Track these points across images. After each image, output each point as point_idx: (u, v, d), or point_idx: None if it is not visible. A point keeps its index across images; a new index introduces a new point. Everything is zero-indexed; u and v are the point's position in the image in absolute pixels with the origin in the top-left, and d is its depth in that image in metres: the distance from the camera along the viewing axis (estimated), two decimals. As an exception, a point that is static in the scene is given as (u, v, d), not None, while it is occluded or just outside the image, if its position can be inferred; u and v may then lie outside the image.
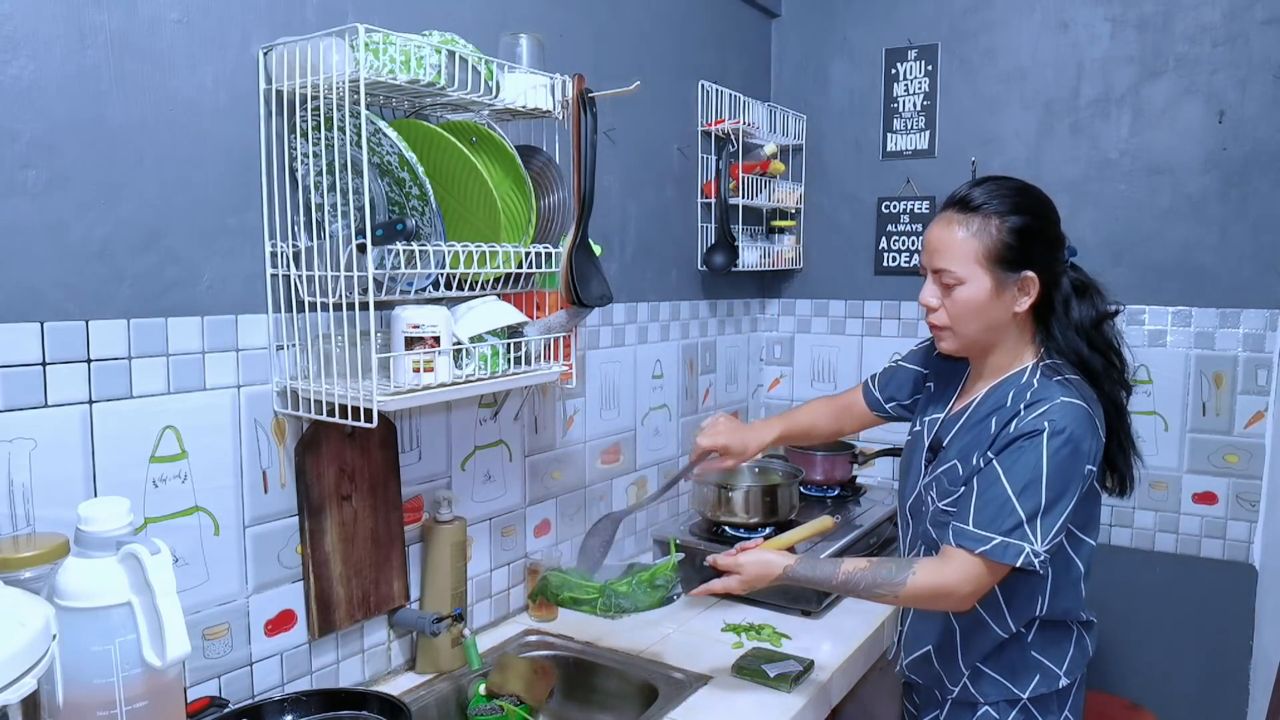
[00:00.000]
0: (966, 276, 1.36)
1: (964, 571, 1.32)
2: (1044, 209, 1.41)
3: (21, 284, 1.10)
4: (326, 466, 1.48)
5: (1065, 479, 1.30)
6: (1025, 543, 1.28)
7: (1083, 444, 1.31)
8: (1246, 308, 2.28)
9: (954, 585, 1.33)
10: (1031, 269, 1.36)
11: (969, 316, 1.38)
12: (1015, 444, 1.32)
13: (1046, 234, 1.39)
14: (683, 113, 2.39)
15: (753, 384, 2.91)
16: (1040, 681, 1.42)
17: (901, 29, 2.65)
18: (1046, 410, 1.31)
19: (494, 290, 1.54)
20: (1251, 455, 2.30)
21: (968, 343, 1.42)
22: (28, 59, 1.09)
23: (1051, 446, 1.29)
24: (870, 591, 1.40)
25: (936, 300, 1.41)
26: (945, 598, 1.35)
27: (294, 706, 1.36)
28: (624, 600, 1.57)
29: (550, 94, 1.52)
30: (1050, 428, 1.30)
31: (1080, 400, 1.33)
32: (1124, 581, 2.43)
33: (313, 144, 1.35)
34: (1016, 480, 1.30)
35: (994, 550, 1.29)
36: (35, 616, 0.82)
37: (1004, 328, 1.40)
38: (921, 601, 1.39)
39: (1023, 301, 1.37)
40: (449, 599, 1.65)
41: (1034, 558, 1.28)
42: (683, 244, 2.44)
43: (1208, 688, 2.34)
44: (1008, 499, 1.30)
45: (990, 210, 1.36)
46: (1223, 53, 2.27)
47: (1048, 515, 1.29)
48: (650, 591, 1.58)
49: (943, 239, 1.39)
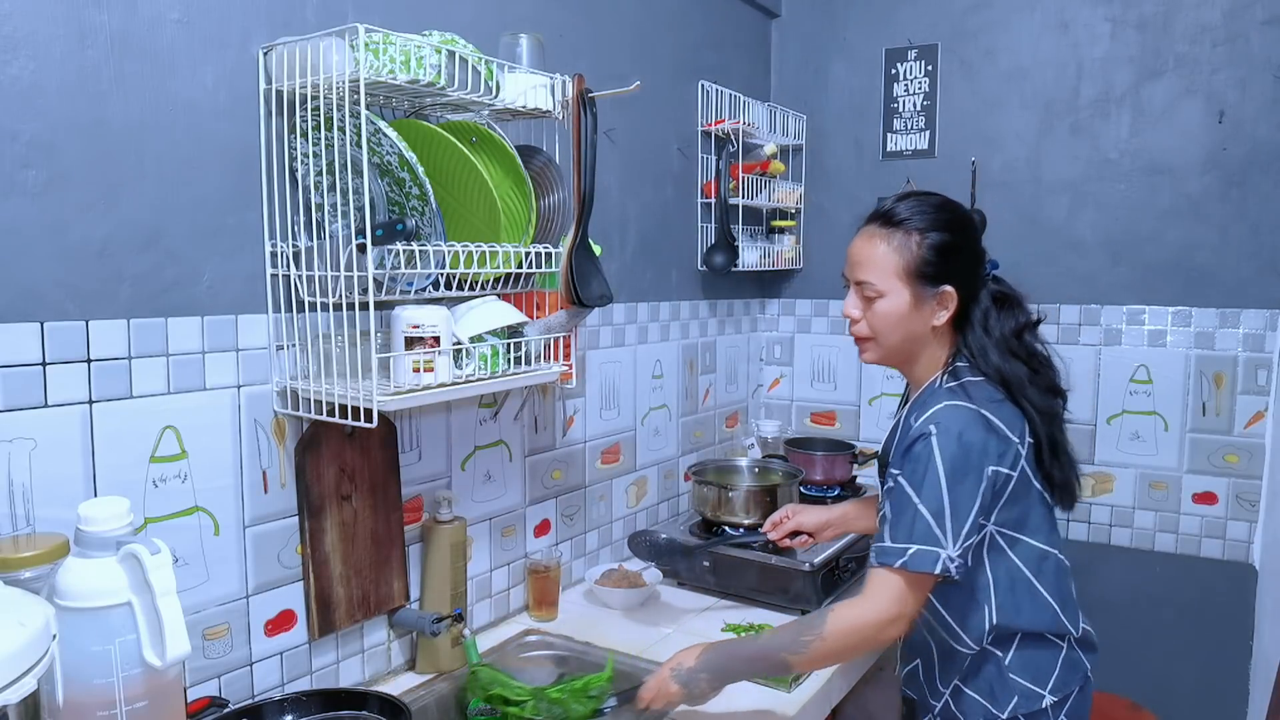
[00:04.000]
0: (887, 289, 1.40)
1: (885, 591, 1.32)
2: (964, 226, 1.44)
3: (21, 284, 1.10)
4: (326, 466, 1.48)
5: (961, 478, 1.30)
6: (939, 548, 1.29)
7: (973, 443, 1.32)
8: (1246, 308, 2.28)
9: (877, 609, 1.32)
10: (950, 284, 1.39)
11: (889, 328, 1.42)
12: (908, 453, 1.34)
13: (965, 250, 1.42)
14: (683, 113, 2.39)
15: (753, 384, 2.91)
16: (1020, 702, 1.41)
17: (901, 29, 2.65)
18: (931, 414, 1.34)
19: (494, 290, 1.54)
20: (1251, 455, 2.30)
21: (889, 354, 1.46)
22: (28, 59, 1.09)
23: (940, 447, 1.31)
24: (797, 646, 1.35)
25: (858, 312, 1.45)
26: (871, 625, 1.32)
27: (294, 706, 1.36)
28: (555, 708, 1.49)
29: (550, 94, 1.52)
30: (935, 429, 1.32)
31: (969, 403, 1.35)
32: (1124, 581, 2.43)
33: (313, 144, 1.35)
34: (916, 486, 1.31)
35: (912, 560, 1.29)
36: (35, 616, 0.82)
37: (923, 340, 1.44)
38: (851, 638, 1.34)
39: (941, 315, 1.41)
40: (449, 599, 1.65)
41: (949, 563, 1.29)
42: (683, 244, 2.44)
43: (1208, 688, 2.34)
44: (915, 508, 1.31)
45: (911, 226, 1.40)
46: (1223, 53, 2.27)
47: (954, 516, 1.30)
48: (584, 701, 1.50)
49: (864, 252, 1.43)
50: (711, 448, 2.66)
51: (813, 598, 1.93)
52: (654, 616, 1.95)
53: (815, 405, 2.91)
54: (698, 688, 1.40)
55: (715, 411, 2.68)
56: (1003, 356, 1.41)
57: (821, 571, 1.95)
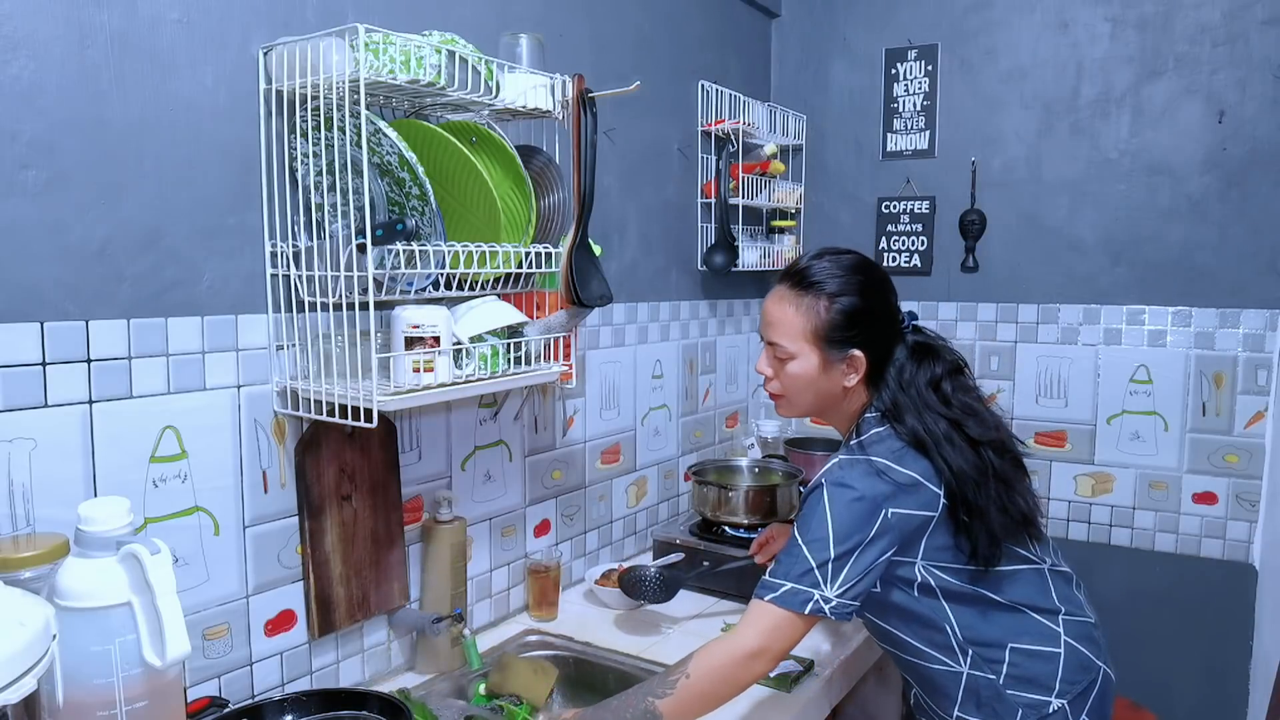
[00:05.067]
0: (796, 352, 1.42)
1: (753, 624, 1.31)
2: (875, 288, 1.44)
3: (21, 284, 1.10)
4: (326, 466, 1.48)
5: (854, 526, 1.31)
6: (814, 589, 1.29)
7: (866, 492, 1.31)
8: (1246, 308, 2.28)
9: (741, 642, 1.30)
10: (858, 348, 1.40)
11: (799, 389, 1.45)
12: (804, 502, 1.37)
13: (875, 311, 1.43)
14: (683, 113, 2.39)
15: (753, 384, 2.91)
16: (1026, 713, 1.40)
17: (901, 29, 2.65)
18: (826, 469, 1.37)
19: (494, 290, 1.54)
20: (1251, 455, 2.30)
21: (802, 410, 1.50)
22: (28, 59, 1.09)
23: (831, 497, 1.32)
24: (664, 688, 1.31)
25: (770, 370, 1.47)
26: (735, 658, 1.30)
27: (294, 706, 1.36)
28: None
29: (550, 94, 1.52)
30: (827, 481, 1.34)
31: (863, 456, 1.36)
32: (1124, 581, 2.43)
33: (313, 144, 1.35)
34: (805, 532, 1.33)
35: (784, 597, 1.30)
36: (35, 616, 0.82)
37: (836, 399, 1.46)
38: (716, 673, 1.31)
39: (851, 377, 1.43)
40: (449, 599, 1.65)
41: (824, 604, 1.29)
42: (683, 244, 2.44)
43: (1208, 688, 2.35)
44: (799, 550, 1.32)
45: (821, 290, 1.40)
46: (1223, 53, 2.27)
47: (841, 562, 1.30)
48: None
49: (775, 313, 1.45)
50: (711, 448, 2.66)
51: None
52: (654, 617, 1.95)
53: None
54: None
55: (715, 411, 2.68)
56: (918, 414, 1.38)
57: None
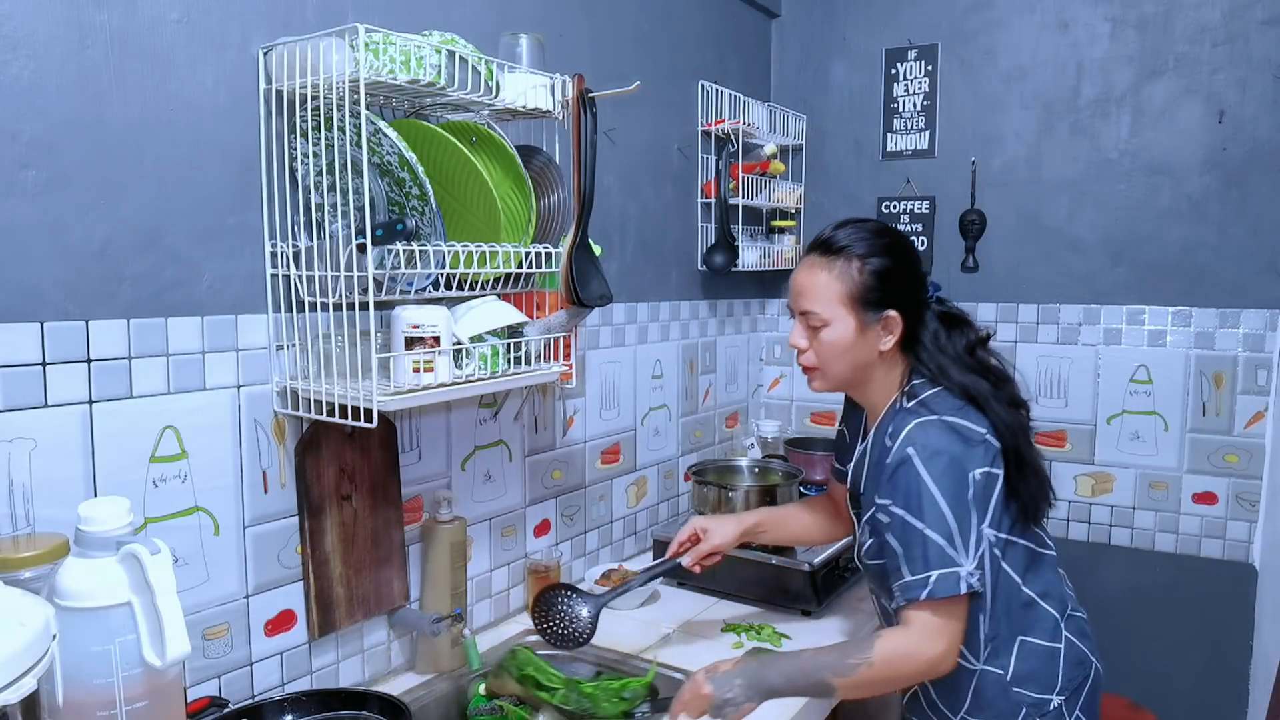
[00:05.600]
0: (831, 318, 1.40)
1: (924, 625, 1.30)
2: (903, 250, 1.44)
3: (21, 284, 1.10)
4: (326, 466, 1.48)
5: (954, 491, 1.30)
6: (957, 567, 1.28)
7: (955, 453, 1.31)
8: (1246, 308, 2.28)
9: (920, 642, 1.30)
10: (894, 308, 1.40)
11: (835, 357, 1.42)
12: (894, 480, 1.33)
13: (906, 274, 1.42)
14: (683, 113, 2.39)
15: (753, 384, 2.92)
16: (1028, 713, 1.41)
17: (901, 29, 2.65)
18: (905, 436, 1.34)
19: (494, 290, 1.54)
20: (1251, 455, 2.30)
21: (837, 381, 1.46)
22: (28, 59, 1.09)
23: (928, 467, 1.30)
24: (843, 670, 1.32)
25: (805, 342, 1.45)
26: (922, 661, 1.31)
27: (294, 706, 1.36)
28: (584, 702, 1.49)
29: (550, 94, 1.52)
30: (915, 450, 1.31)
31: (933, 415, 1.34)
32: (1124, 581, 2.43)
33: (313, 144, 1.35)
34: (916, 512, 1.30)
35: (937, 586, 1.28)
36: (35, 616, 0.81)
37: (872, 366, 1.44)
38: (899, 667, 1.32)
39: (887, 340, 1.41)
40: (449, 599, 1.65)
41: (970, 578, 1.28)
42: (683, 244, 2.44)
43: (1208, 688, 2.34)
44: (922, 535, 1.30)
45: (852, 253, 1.40)
46: (1223, 53, 2.27)
47: (961, 531, 1.29)
48: (615, 701, 1.50)
49: (807, 282, 1.43)
50: (711, 448, 2.66)
51: (812, 597, 1.93)
52: (654, 616, 1.95)
53: (815, 405, 2.91)
54: (731, 693, 1.35)
55: (715, 411, 2.68)
56: (962, 372, 1.41)
57: (821, 571, 1.95)
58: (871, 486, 1.42)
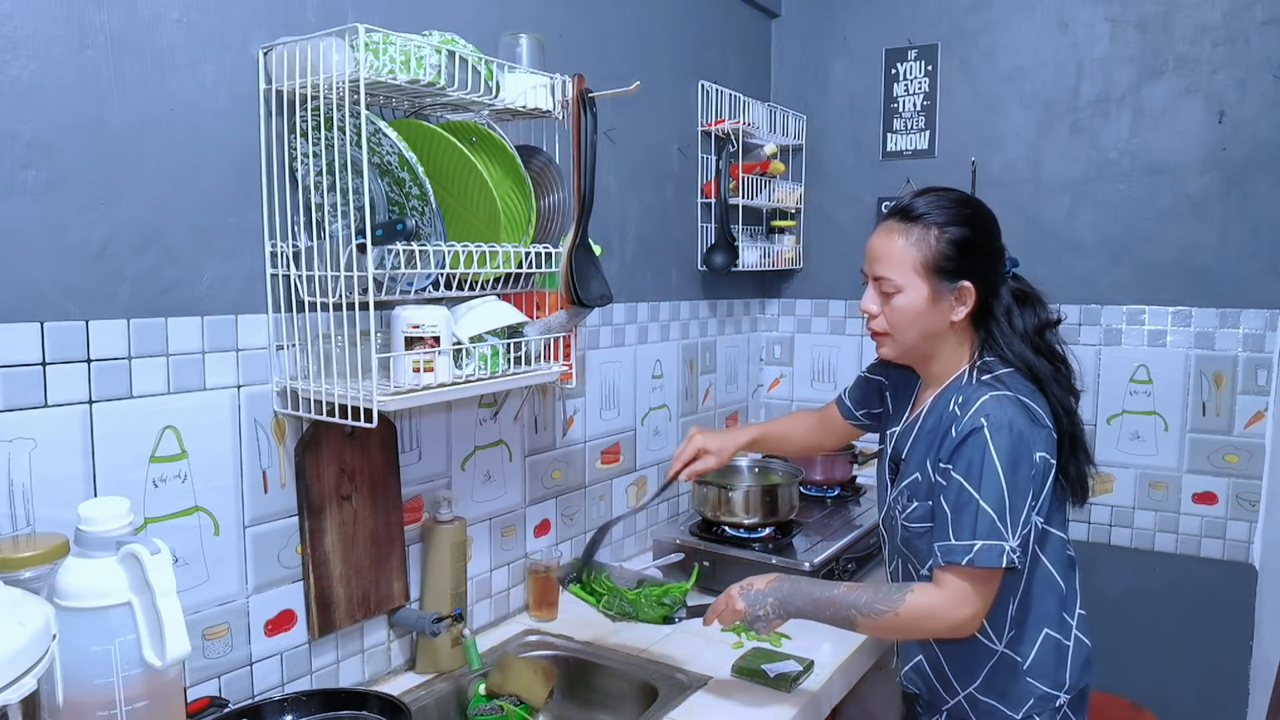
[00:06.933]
0: (904, 284, 1.39)
1: (957, 589, 1.32)
2: (983, 221, 1.43)
3: (21, 284, 1.10)
4: (326, 466, 1.48)
5: (1016, 469, 1.31)
6: (1003, 540, 1.29)
7: (1023, 432, 1.32)
8: (1246, 308, 2.28)
9: (949, 604, 1.33)
10: (969, 279, 1.39)
11: (907, 324, 1.41)
12: (960, 448, 1.33)
13: (985, 245, 1.41)
14: (683, 113, 2.39)
15: (753, 384, 2.91)
16: (1036, 704, 1.42)
17: (901, 29, 2.65)
18: (979, 407, 1.34)
19: (494, 290, 1.54)
20: (1251, 455, 2.29)
21: (906, 349, 1.45)
22: (28, 59, 1.09)
23: (995, 441, 1.31)
24: (869, 611, 1.37)
25: (876, 307, 1.44)
26: (947, 621, 1.34)
27: (294, 706, 1.36)
28: (627, 605, 1.62)
29: (550, 94, 1.52)
30: (987, 423, 1.32)
31: (1010, 393, 1.35)
32: (1124, 581, 2.43)
33: (313, 144, 1.35)
34: (975, 482, 1.31)
35: (979, 556, 1.29)
36: (35, 616, 0.82)
37: (942, 336, 1.43)
38: (923, 623, 1.36)
39: (959, 311, 1.40)
40: (449, 599, 1.65)
41: (1013, 554, 1.29)
42: (683, 244, 2.44)
43: (1208, 688, 2.34)
44: (976, 504, 1.31)
45: (930, 220, 1.39)
46: (1223, 53, 2.27)
47: (1014, 507, 1.30)
48: (655, 607, 1.61)
49: (883, 247, 1.42)
50: (711, 448, 2.66)
51: (813, 598, 1.93)
52: (654, 616, 1.94)
53: (815, 405, 2.88)
54: (762, 609, 1.44)
55: (715, 411, 2.68)
56: (1030, 352, 1.42)
57: (822, 571, 1.95)
58: (924, 452, 1.42)
